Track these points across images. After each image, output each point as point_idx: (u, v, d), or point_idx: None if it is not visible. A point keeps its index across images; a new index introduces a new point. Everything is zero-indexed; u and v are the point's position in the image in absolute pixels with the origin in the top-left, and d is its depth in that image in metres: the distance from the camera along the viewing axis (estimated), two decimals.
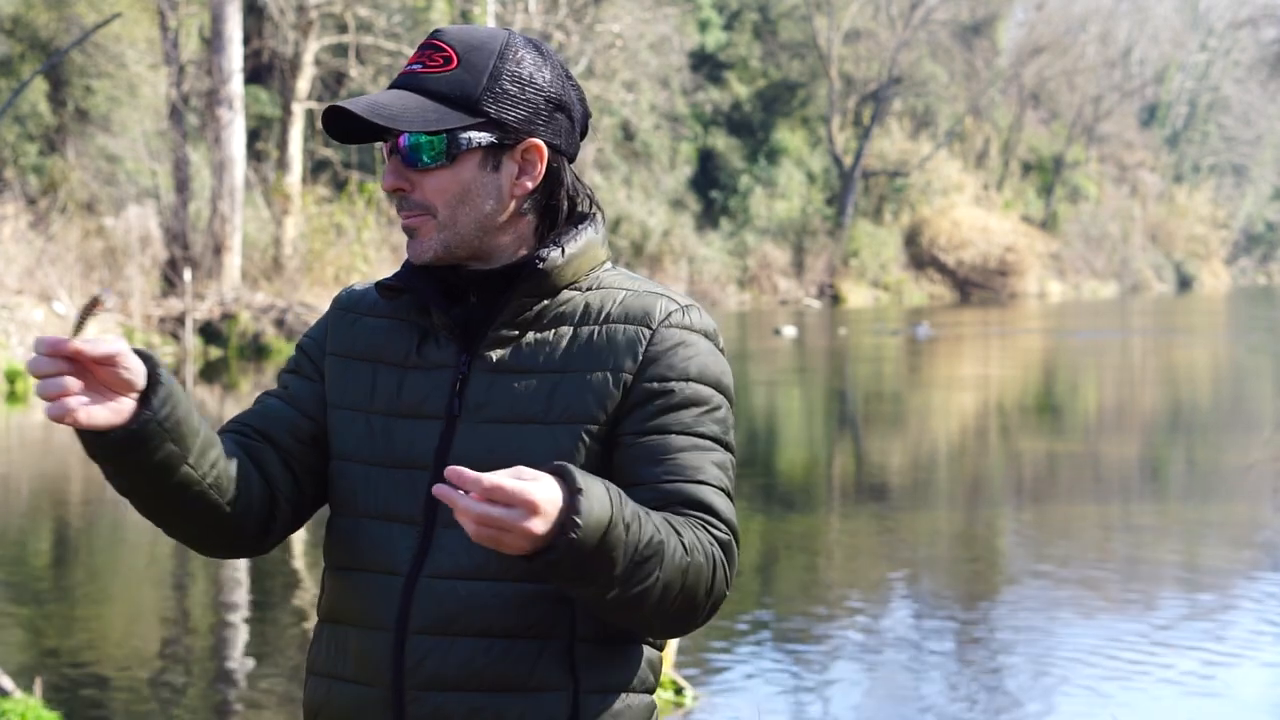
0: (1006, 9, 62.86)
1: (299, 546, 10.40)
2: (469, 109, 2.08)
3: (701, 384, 2.08)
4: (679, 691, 6.95)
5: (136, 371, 1.92)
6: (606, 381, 2.06)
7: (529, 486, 1.81)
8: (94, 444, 1.95)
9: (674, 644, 6.97)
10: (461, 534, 2.03)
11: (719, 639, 8.02)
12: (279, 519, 2.15)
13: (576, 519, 1.83)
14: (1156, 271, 72.44)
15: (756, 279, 49.25)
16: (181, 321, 25.41)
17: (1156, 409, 20.75)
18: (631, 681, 2.09)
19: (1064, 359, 29.58)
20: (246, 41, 28.90)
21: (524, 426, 2.06)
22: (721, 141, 49.57)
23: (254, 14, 30.71)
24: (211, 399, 19.81)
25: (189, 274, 25.70)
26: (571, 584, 1.91)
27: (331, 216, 28.47)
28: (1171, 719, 7.00)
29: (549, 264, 2.09)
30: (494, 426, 2.07)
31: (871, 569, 10.23)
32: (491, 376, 2.09)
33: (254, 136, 32.01)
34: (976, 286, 56.12)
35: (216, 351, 25.27)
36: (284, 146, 29.10)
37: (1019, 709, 7.09)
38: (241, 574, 9.71)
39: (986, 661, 7.84)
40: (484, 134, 2.08)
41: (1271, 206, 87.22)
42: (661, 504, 2.01)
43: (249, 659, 7.89)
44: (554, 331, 2.10)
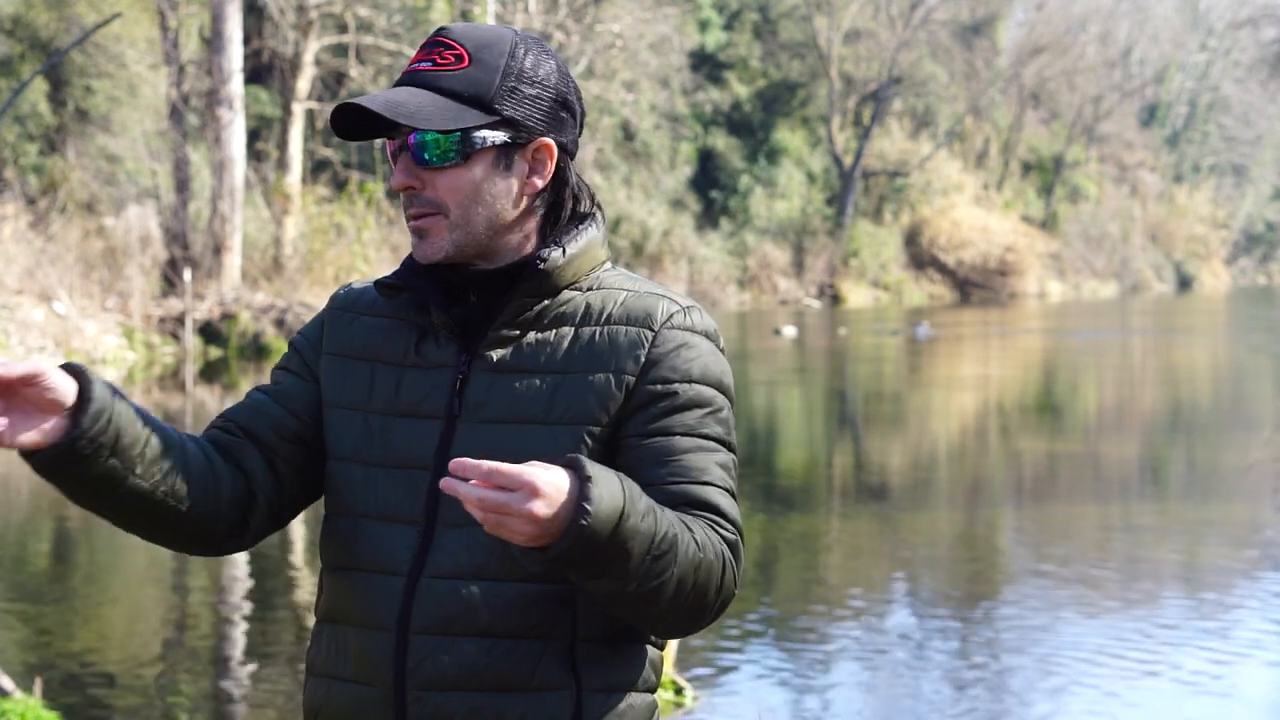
0: (1006, 9, 62.85)
1: (299, 546, 10.40)
2: (484, 107, 2.07)
3: (704, 385, 2.08)
4: (679, 691, 6.95)
5: (61, 390, 1.92)
6: (609, 383, 2.06)
7: (530, 470, 1.82)
8: (30, 463, 1.96)
9: (674, 644, 6.96)
10: (463, 534, 2.03)
11: (719, 639, 8.01)
12: (254, 520, 2.14)
13: (587, 505, 1.83)
14: (1156, 271, 72.44)
15: (756, 279, 49.23)
16: (181, 321, 25.39)
17: (1156, 409, 20.74)
18: (634, 681, 2.09)
19: (1064, 359, 29.57)
20: (246, 41, 28.89)
21: (524, 427, 2.05)
22: (721, 141, 49.56)
23: (254, 14, 30.70)
24: (211, 399, 19.81)
25: (189, 274, 25.69)
26: (588, 577, 1.90)
27: (331, 216, 28.46)
28: (1174, 719, 7.00)
29: (550, 264, 2.09)
30: (494, 426, 2.06)
31: (872, 568, 10.23)
32: (492, 376, 2.08)
33: (254, 136, 32.01)
34: (976, 286, 56.11)
35: (216, 351, 25.25)
36: (284, 146, 29.08)
37: (1021, 709, 7.08)
38: (241, 574, 9.71)
39: (988, 661, 7.84)
40: (498, 133, 2.08)
41: (1271, 206, 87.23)
42: (667, 505, 2.00)
43: (249, 658, 7.88)
44: (555, 332, 2.09)
